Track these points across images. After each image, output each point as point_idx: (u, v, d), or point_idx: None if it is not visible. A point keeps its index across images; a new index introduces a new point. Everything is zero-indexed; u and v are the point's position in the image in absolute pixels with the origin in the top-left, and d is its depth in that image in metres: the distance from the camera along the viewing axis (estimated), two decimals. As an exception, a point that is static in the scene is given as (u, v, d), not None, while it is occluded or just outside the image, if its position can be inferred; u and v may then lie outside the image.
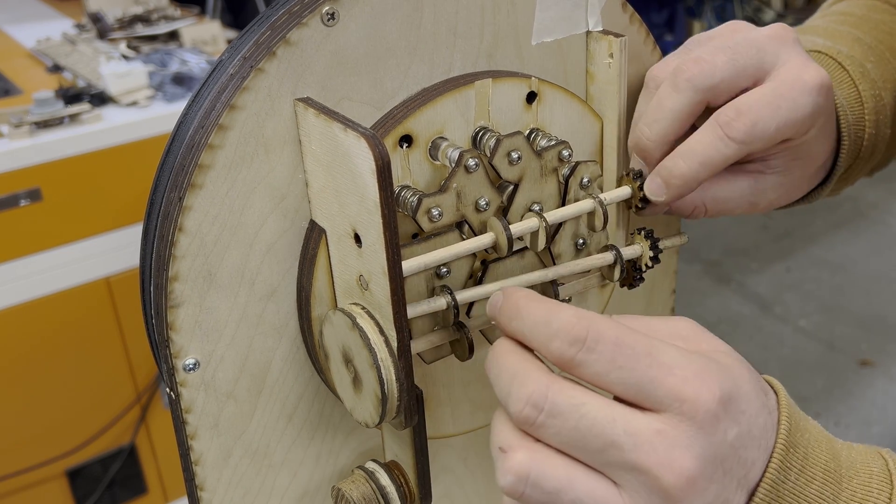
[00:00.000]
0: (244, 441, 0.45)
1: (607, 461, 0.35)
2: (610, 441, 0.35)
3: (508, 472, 0.35)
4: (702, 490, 0.35)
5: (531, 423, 0.35)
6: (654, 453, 0.34)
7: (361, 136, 0.35)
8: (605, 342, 0.35)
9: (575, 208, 0.45)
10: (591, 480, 0.36)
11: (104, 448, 1.65)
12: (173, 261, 0.39)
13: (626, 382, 0.35)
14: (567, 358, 0.36)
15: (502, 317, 0.39)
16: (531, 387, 0.36)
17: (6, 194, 1.43)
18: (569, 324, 0.36)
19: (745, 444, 0.36)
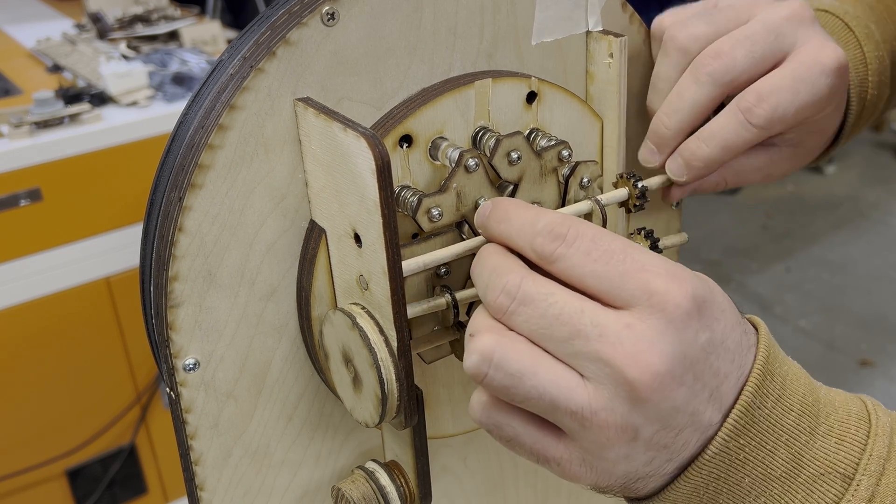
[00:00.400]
0: (244, 441, 0.45)
1: (574, 351, 0.35)
2: (576, 330, 0.35)
3: (473, 352, 0.36)
4: (669, 390, 0.35)
5: (503, 310, 0.36)
6: (620, 345, 0.34)
7: (361, 136, 0.35)
8: (583, 238, 0.36)
9: (573, 210, 0.45)
10: (556, 368, 0.36)
11: (104, 448, 1.65)
12: (173, 261, 0.39)
13: (598, 276, 0.36)
14: (548, 252, 0.37)
15: (491, 220, 0.40)
16: (506, 277, 0.36)
17: (6, 194, 1.43)
18: (553, 222, 0.37)
19: (717, 353, 0.36)
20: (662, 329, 0.35)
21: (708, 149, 0.47)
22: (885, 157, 3.76)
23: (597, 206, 0.45)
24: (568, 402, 0.35)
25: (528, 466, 0.58)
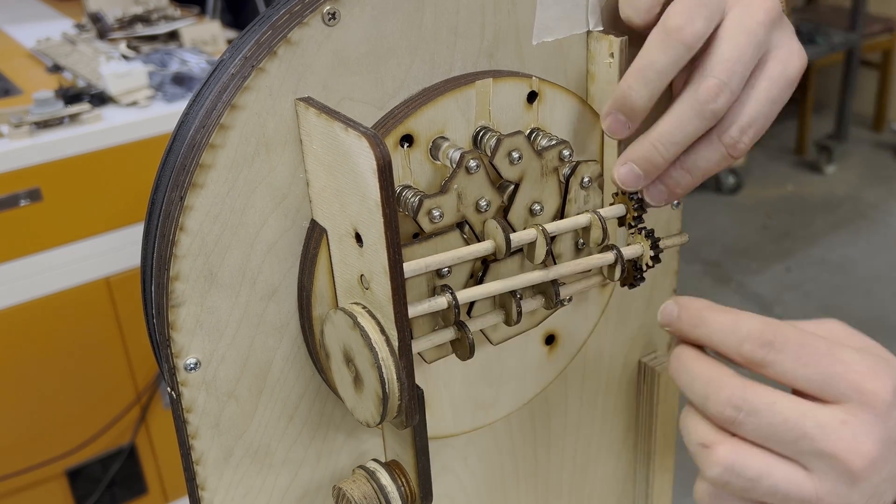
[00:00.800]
0: (245, 441, 0.45)
1: (799, 450, 0.40)
2: (802, 433, 0.40)
3: (715, 465, 0.41)
4: (880, 469, 0.40)
5: (731, 421, 0.41)
6: (842, 441, 0.39)
7: (363, 136, 0.35)
8: (791, 344, 0.40)
9: (572, 222, 0.45)
10: (785, 467, 0.40)
11: (104, 448, 1.65)
12: (174, 260, 0.39)
13: (810, 378, 0.40)
14: (758, 359, 0.41)
15: (684, 325, 0.43)
16: (729, 390, 0.41)
17: (6, 194, 1.43)
18: (757, 329, 0.41)
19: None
20: (873, 422, 0.40)
21: (692, 178, 0.48)
22: (885, 157, 3.76)
23: (597, 218, 0.45)
24: (800, 493, 0.40)
25: (528, 466, 0.59)
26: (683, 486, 1.95)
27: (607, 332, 0.57)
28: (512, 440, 0.57)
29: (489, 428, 0.55)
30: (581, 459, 0.61)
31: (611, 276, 0.48)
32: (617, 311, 0.57)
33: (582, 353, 0.56)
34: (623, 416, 0.62)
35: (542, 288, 0.46)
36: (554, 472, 0.60)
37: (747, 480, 0.41)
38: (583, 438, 0.60)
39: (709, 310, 0.43)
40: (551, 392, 0.57)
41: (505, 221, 0.43)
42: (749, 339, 0.41)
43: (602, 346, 0.57)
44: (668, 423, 0.61)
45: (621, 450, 0.63)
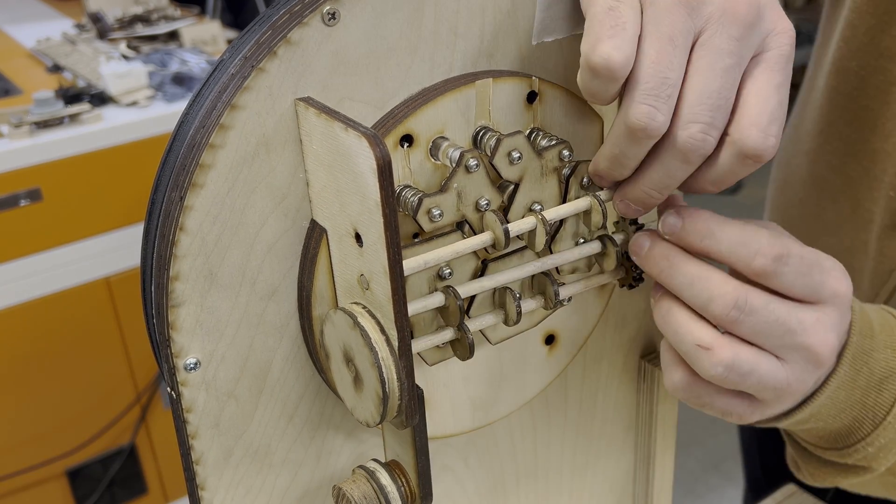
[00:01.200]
0: (245, 441, 0.45)
1: (783, 344, 0.45)
2: (788, 328, 0.45)
3: (718, 365, 0.44)
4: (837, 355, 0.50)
5: (733, 321, 0.44)
6: (816, 334, 0.45)
7: (362, 136, 0.35)
8: (794, 256, 0.44)
9: (572, 206, 0.45)
10: (770, 362, 0.45)
11: (104, 448, 1.65)
12: (174, 260, 0.39)
13: (805, 286, 0.45)
14: (770, 271, 0.44)
15: (691, 236, 0.45)
16: (735, 294, 0.44)
17: (6, 194, 1.43)
18: (768, 243, 0.44)
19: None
20: (839, 319, 0.47)
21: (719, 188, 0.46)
22: (885, 156, 3.75)
23: (596, 202, 0.45)
24: (775, 382, 0.46)
25: (528, 466, 0.59)
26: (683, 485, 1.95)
27: (607, 333, 0.57)
28: (512, 440, 0.57)
29: (489, 428, 0.55)
30: (581, 459, 0.61)
31: (603, 266, 0.48)
32: (617, 311, 0.57)
33: (582, 353, 0.56)
34: (623, 415, 0.62)
35: (542, 288, 0.46)
36: (554, 472, 0.60)
37: (739, 375, 0.45)
38: (583, 438, 0.60)
39: (717, 222, 0.45)
40: (551, 392, 0.57)
41: (502, 215, 0.43)
42: (761, 252, 0.44)
43: (602, 346, 0.57)
44: (668, 423, 0.61)
45: (621, 450, 0.63)
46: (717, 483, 2.22)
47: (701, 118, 0.41)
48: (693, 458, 2.29)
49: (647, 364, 0.60)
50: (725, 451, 2.31)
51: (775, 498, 0.89)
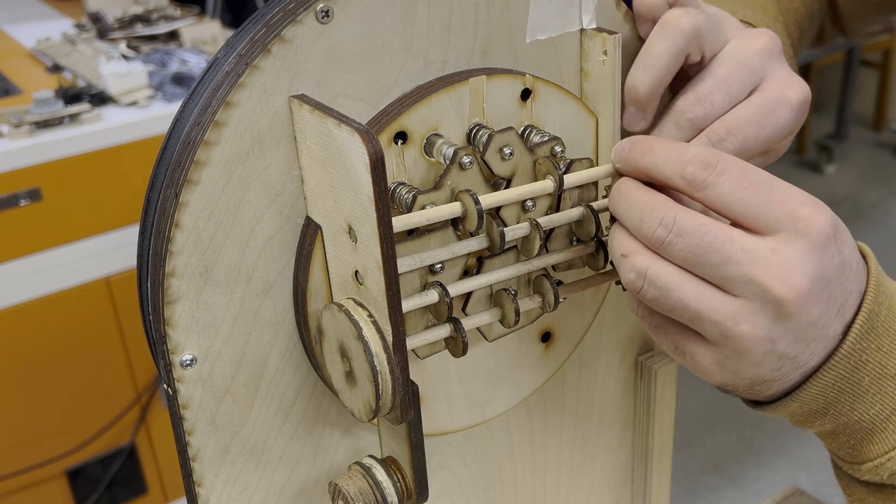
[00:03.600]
0: (242, 437, 0.45)
1: (725, 275, 0.40)
2: (727, 256, 0.39)
3: (631, 270, 0.42)
4: (809, 307, 0.40)
5: (661, 241, 0.41)
6: (769, 267, 0.39)
7: (355, 132, 0.35)
8: (733, 168, 0.40)
9: (565, 216, 0.45)
10: (702, 286, 0.41)
11: (104, 448, 1.65)
12: (170, 257, 0.40)
13: (748, 202, 0.40)
14: (699, 180, 0.41)
15: (634, 153, 0.43)
16: (662, 211, 0.41)
17: (6, 194, 1.43)
18: (702, 153, 0.41)
19: (846, 274, 0.41)
20: (807, 252, 0.39)
21: None
22: (885, 157, 3.76)
23: (589, 212, 0.46)
24: (712, 312, 0.40)
25: (526, 464, 0.59)
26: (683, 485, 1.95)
27: (604, 331, 0.57)
28: (509, 438, 0.57)
29: (486, 425, 0.55)
30: (578, 457, 0.61)
31: (594, 265, 0.48)
32: (613, 309, 0.57)
33: (578, 351, 0.56)
34: (620, 414, 0.62)
35: (540, 288, 0.47)
36: (551, 470, 0.60)
37: (657, 289, 0.41)
38: (580, 436, 0.60)
39: (658, 141, 0.43)
40: (548, 390, 0.57)
41: (499, 217, 0.43)
42: (693, 161, 0.41)
43: (599, 344, 0.58)
44: (665, 421, 0.61)
45: (619, 448, 0.63)
46: (717, 483, 2.22)
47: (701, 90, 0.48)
48: (693, 458, 2.29)
49: (645, 362, 0.60)
50: (725, 451, 2.31)
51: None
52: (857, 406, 0.44)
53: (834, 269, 0.40)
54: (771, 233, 0.40)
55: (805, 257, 0.39)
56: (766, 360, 0.41)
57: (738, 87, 0.48)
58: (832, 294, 0.41)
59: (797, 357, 0.42)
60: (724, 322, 0.40)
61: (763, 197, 0.40)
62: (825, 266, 0.40)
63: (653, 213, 0.41)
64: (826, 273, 0.40)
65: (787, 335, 0.40)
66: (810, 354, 0.42)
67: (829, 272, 0.40)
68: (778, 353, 0.41)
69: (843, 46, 3.52)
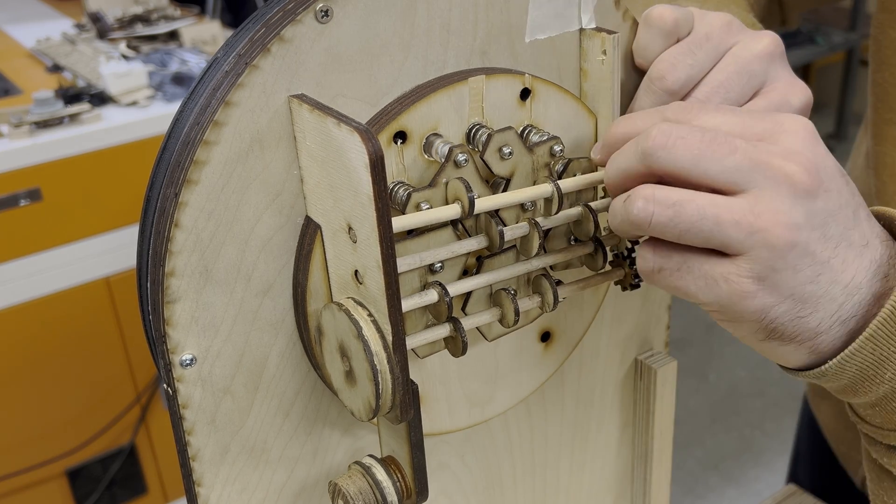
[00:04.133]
0: (241, 437, 0.45)
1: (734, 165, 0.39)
2: (732, 147, 0.39)
3: (637, 199, 0.40)
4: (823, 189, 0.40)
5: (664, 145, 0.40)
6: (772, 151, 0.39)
7: (355, 131, 0.35)
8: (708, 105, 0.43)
9: (563, 216, 0.45)
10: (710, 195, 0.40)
11: (104, 448, 1.65)
12: (169, 256, 0.40)
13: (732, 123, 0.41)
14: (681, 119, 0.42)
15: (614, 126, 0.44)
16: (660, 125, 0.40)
17: (6, 194, 1.43)
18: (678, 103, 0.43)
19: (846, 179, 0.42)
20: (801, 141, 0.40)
21: None
22: (885, 156, 3.75)
23: (587, 212, 0.46)
24: (730, 213, 0.39)
25: (525, 464, 0.59)
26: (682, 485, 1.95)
27: (603, 330, 0.57)
28: (509, 438, 0.57)
29: (486, 425, 0.55)
30: (578, 457, 0.61)
31: (592, 265, 0.48)
32: (613, 308, 0.57)
33: (578, 351, 0.56)
34: (620, 413, 0.62)
35: (539, 288, 0.47)
36: (551, 469, 0.60)
37: (669, 207, 0.39)
38: (580, 436, 0.60)
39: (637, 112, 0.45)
40: (548, 389, 0.57)
41: (498, 216, 0.43)
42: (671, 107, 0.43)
43: (598, 343, 0.58)
44: (665, 421, 0.61)
45: (619, 448, 0.63)
46: (717, 483, 2.22)
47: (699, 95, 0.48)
48: (693, 458, 2.29)
49: (645, 362, 0.60)
50: (725, 451, 2.32)
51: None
52: None
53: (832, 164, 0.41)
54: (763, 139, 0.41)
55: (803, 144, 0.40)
56: (798, 258, 0.40)
57: (738, 92, 0.48)
58: (840, 189, 0.41)
59: (830, 260, 0.40)
60: (745, 218, 0.39)
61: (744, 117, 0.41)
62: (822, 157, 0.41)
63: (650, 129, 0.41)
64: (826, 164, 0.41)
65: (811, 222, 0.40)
66: (843, 261, 0.41)
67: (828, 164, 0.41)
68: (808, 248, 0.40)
69: (843, 46, 3.52)
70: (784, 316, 0.41)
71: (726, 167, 0.39)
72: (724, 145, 0.39)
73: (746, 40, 0.49)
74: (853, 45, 3.55)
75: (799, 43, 3.36)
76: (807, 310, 0.41)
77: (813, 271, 0.40)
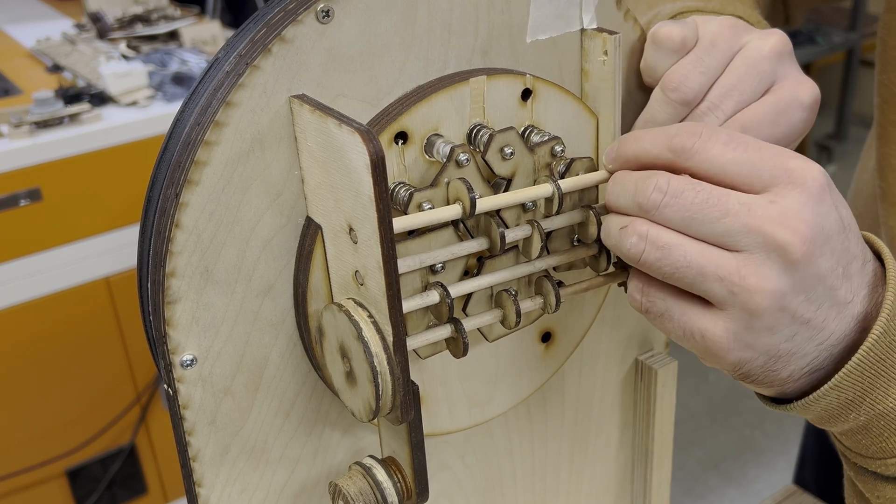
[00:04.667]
0: (242, 437, 0.45)
1: (724, 230, 0.39)
2: (725, 210, 0.39)
3: (633, 234, 0.41)
4: (815, 256, 0.39)
5: (656, 205, 0.40)
6: (768, 216, 0.39)
7: (356, 132, 0.35)
8: (719, 133, 0.41)
9: (566, 218, 0.45)
10: (703, 245, 0.40)
11: (104, 448, 1.65)
12: (170, 257, 0.40)
13: (739, 161, 0.40)
14: (688, 146, 0.41)
15: (623, 145, 0.44)
16: (655, 178, 0.41)
17: (6, 194, 1.43)
18: (687, 125, 0.42)
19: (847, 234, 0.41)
20: (804, 201, 0.39)
21: None
22: (885, 156, 3.75)
23: (591, 214, 0.45)
24: (716, 267, 0.40)
25: (526, 464, 0.59)
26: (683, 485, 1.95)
27: (604, 330, 0.57)
28: (509, 438, 0.57)
29: (486, 426, 0.55)
30: (578, 457, 0.61)
31: (596, 267, 0.48)
32: (613, 309, 0.57)
33: (578, 352, 0.56)
34: (620, 414, 0.62)
35: (541, 289, 0.47)
36: (551, 470, 0.60)
37: (658, 249, 0.40)
38: (580, 436, 0.60)
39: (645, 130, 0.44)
40: (548, 390, 0.57)
41: (499, 217, 0.43)
42: (679, 132, 0.41)
43: (599, 344, 0.58)
44: (665, 421, 0.61)
45: (619, 448, 0.63)
46: (717, 483, 2.22)
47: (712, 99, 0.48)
48: (693, 458, 2.29)
49: (645, 362, 0.60)
50: (725, 451, 2.32)
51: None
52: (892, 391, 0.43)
53: (833, 223, 0.40)
54: (765, 189, 0.40)
55: (803, 205, 0.39)
56: (778, 321, 0.40)
57: (749, 93, 0.49)
58: (835, 249, 0.40)
59: (810, 321, 0.41)
60: (729, 277, 0.39)
61: (753, 155, 0.40)
62: (823, 217, 0.40)
63: (646, 180, 0.41)
64: (825, 224, 0.40)
65: (797, 289, 0.40)
66: (823, 320, 0.41)
67: (828, 224, 0.40)
68: (790, 311, 0.40)
69: (843, 46, 3.52)
70: (757, 369, 0.42)
71: (716, 231, 0.40)
72: (716, 207, 0.40)
73: (755, 41, 0.49)
74: (853, 45, 3.55)
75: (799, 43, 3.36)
76: (779, 364, 0.42)
77: (791, 331, 0.41)
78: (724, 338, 0.41)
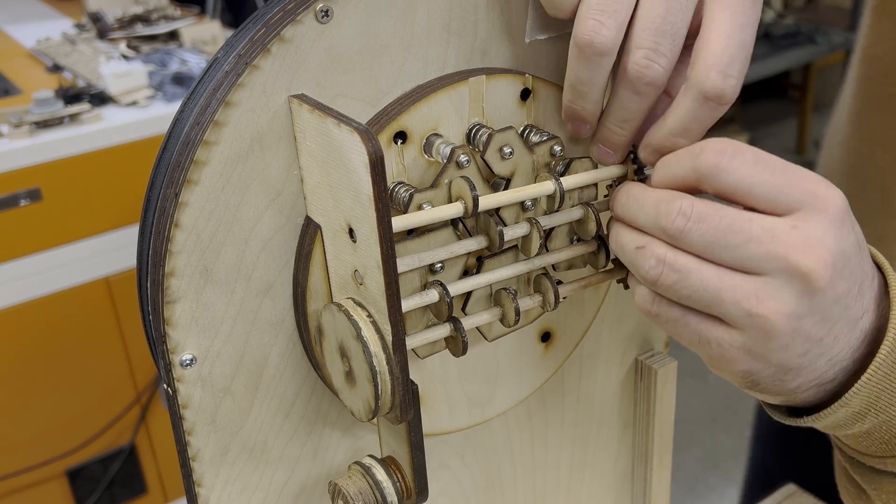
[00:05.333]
0: (241, 437, 0.45)
1: (748, 255, 0.39)
2: (748, 236, 0.39)
3: (651, 257, 0.41)
4: (836, 281, 0.40)
5: (680, 230, 0.40)
6: (791, 242, 0.39)
7: (355, 131, 0.35)
8: (745, 152, 0.40)
9: (566, 214, 0.45)
10: (721, 269, 0.40)
11: (104, 448, 1.65)
12: (169, 256, 0.40)
13: (766, 183, 0.39)
14: (713, 164, 0.40)
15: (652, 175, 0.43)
16: (679, 201, 0.40)
17: (6, 194, 1.43)
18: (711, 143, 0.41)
19: (861, 254, 0.42)
20: (826, 227, 0.39)
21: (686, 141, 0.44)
22: (886, 156, 3.75)
23: (590, 211, 0.45)
24: (733, 291, 0.39)
25: (526, 464, 0.59)
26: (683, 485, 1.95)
27: (604, 330, 0.57)
28: (509, 438, 0.57)
29: (486, 425, 0.55)
30: (578, 458, 0.61)
31: (595, 264, 0.48)
32: (613, 308, 0.57)
33: (578, 351, 0.56)
34: (620, 414, 0.62)
35: (540, 287, 0.47)
36: (551, 470, 0.60)
37: (675, 272, 0.40)
38: (580, 436, 0.60)
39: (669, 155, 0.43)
40: (548, 390, 0.57)
41: (498, 216, 0.43)
42: (705, 150, 0.40)
43: (598, 343, 0.58)
44: (665, 421, 0.61)
45: (619, 448, 0.63)
46: (717, 483, 2.22)
47: (644, 44, 0.41)
48: (693, 458, 2.29)
49: (645, 362, 0.60)
50: (725, 451, 2.32)
51: (775, 498, 0.89)
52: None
53: (851, 246, 0.40)
54: (789, 213, 0.40)
55: (826, 232, 0.39)
56: (793, 341, 0.40)
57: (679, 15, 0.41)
58: (853, 271, 0.41)
59: (823, 340, 0.41)
60: (747, 301, 0.39)
61: (779, 178, 0.40)
62: (844, 241, 0.40)
63: (669, 204, 0.41)
64: (845, 249, 0.40)
65: (814, 312, 0.40)
66: (835, 338, 0.41)
67: (847, 248, 0.40)
68: (805, 333, 0.40)
69: (843, 46, 3.52)
70: (767, 379, 0.43)
71: (739, 256, 0.40)
72: (739, 234, 0.39)
73: None
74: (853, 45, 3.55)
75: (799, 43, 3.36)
76: (790, 376, 0.42)
77: (803, 348, 0.41)
78: (738, 350, 0.41)
